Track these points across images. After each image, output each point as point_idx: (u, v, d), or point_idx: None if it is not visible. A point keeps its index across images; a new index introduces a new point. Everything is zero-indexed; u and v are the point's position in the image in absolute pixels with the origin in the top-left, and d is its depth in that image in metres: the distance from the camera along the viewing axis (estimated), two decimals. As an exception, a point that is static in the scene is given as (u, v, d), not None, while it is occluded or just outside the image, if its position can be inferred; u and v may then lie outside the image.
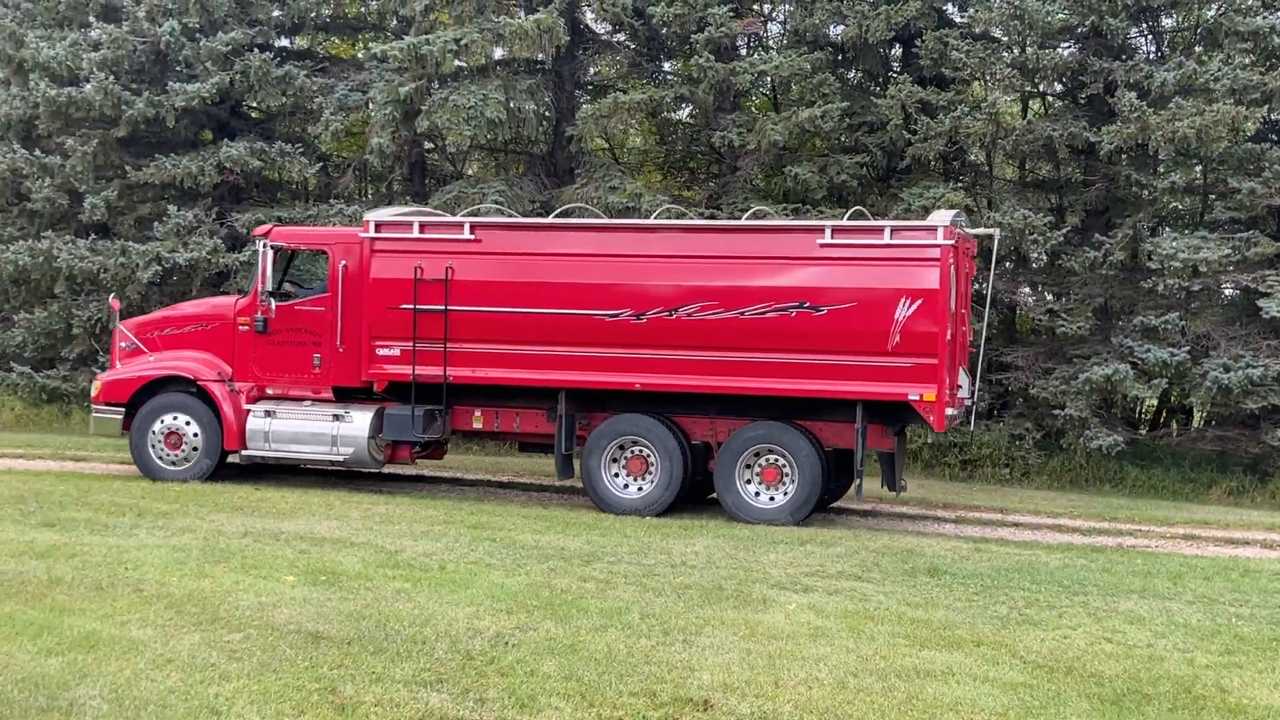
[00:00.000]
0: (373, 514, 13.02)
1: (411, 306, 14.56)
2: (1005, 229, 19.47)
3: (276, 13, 23.14)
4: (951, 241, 13.35)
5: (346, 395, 15.35)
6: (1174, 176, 19.33)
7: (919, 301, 13.26)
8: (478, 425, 15.20)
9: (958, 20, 21.71)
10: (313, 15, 23.12)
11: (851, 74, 22.94)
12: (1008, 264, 21.92)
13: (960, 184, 20.91)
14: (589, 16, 22.89)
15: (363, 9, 24.36)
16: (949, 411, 13.45)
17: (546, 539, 11.83)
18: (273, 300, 15.33)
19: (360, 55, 24.72)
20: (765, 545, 11.98)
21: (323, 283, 15.39)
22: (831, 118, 20.09)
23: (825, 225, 13.88)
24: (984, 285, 16.71)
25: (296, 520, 12.40)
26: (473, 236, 14.61)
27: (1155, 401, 22.55)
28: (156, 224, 21.98)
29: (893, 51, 22.73)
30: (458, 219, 15.27)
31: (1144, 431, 22.43)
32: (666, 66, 23.32)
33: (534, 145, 23.51)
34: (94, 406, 15.92)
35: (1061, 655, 8.18)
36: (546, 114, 22.41)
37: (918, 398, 13.31)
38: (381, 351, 14.79)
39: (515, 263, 14.51)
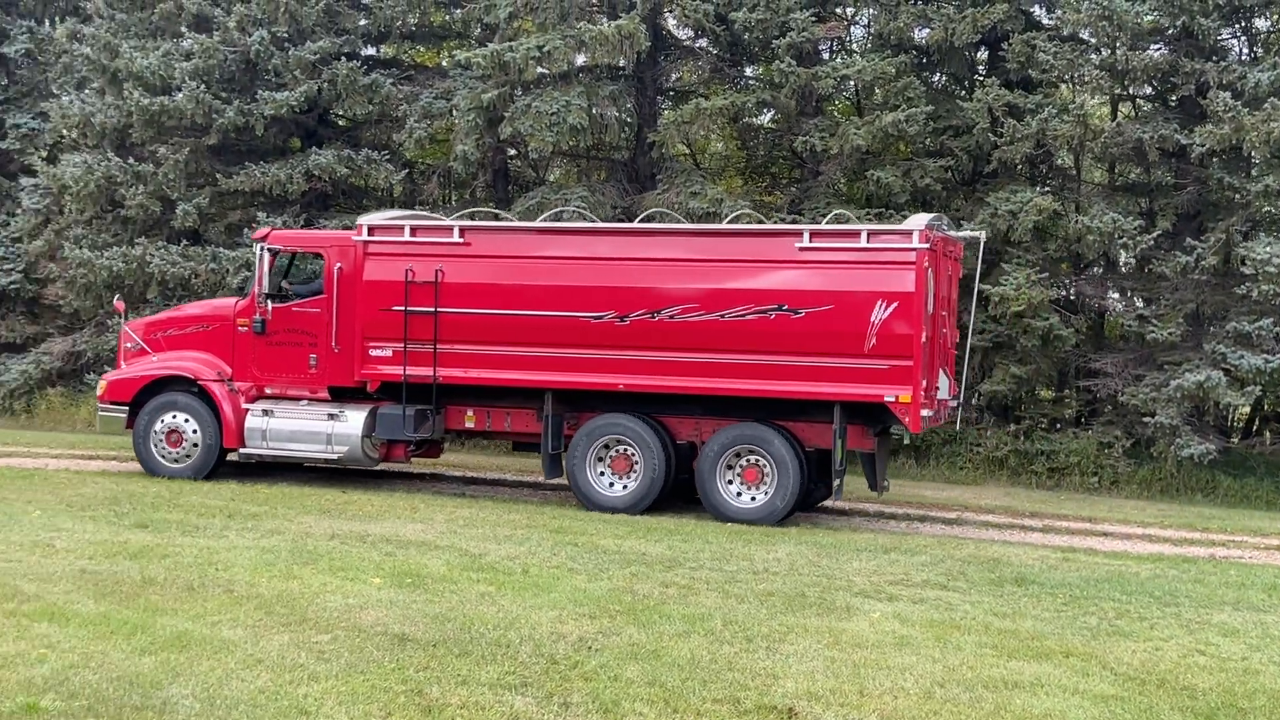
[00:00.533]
0: (457, 517, 13.13)
1: (403, 308, 14.88)
2: (1094, 233, 19.18)
3: (363, 22, 23.44)
4: (926, 245, 13.44)
5: (343, 395, 15.65)
6: (1268, 179, 18.87)
7: (895, 304, 13.42)
8: (470, 425, 15.52)
9: (1045, 22, 21.41)
10: (398, 24, 23.35)
11: (936, 77, 22.72)
12: (1096, 269, 21.60)
13: (1048, 187, 20.62)
14: (670, 22, 22.91)
15: (447, 17, 24.57)
16: (924, 413, 13.54)
17: (628, 544, 11.85)
18: (269, 302, 15.68)
19: (445, 63, 24.96)
20: (848, 553, 11.89)
21: (319, 285, 15.71)
22: (916, 121, 19.92)
23: (803, 229, 14.14)
24: (973, 287, 16.52)
25: (382, 523, 12.54)
26: (462, 240, 14.92)
27: (1248, 409, 22.05)
28: (246, 230, 22.37)
29: (978, 54, 22.49)
30: (447, 222, 15.57)
31: (1237, 440, 21.94)
32: (748, 72, 23.25)
33: (616, 151, 23.56)
34: (99, 405, 16.35)
35: (1153, 667, 8.03)
36: (628, 120, 22.45)
37: (893, 399, 13.45)
38: (374, 352, 15.13)
39: (503, 265, 14.81)
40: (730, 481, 14.30)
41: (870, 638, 8.41)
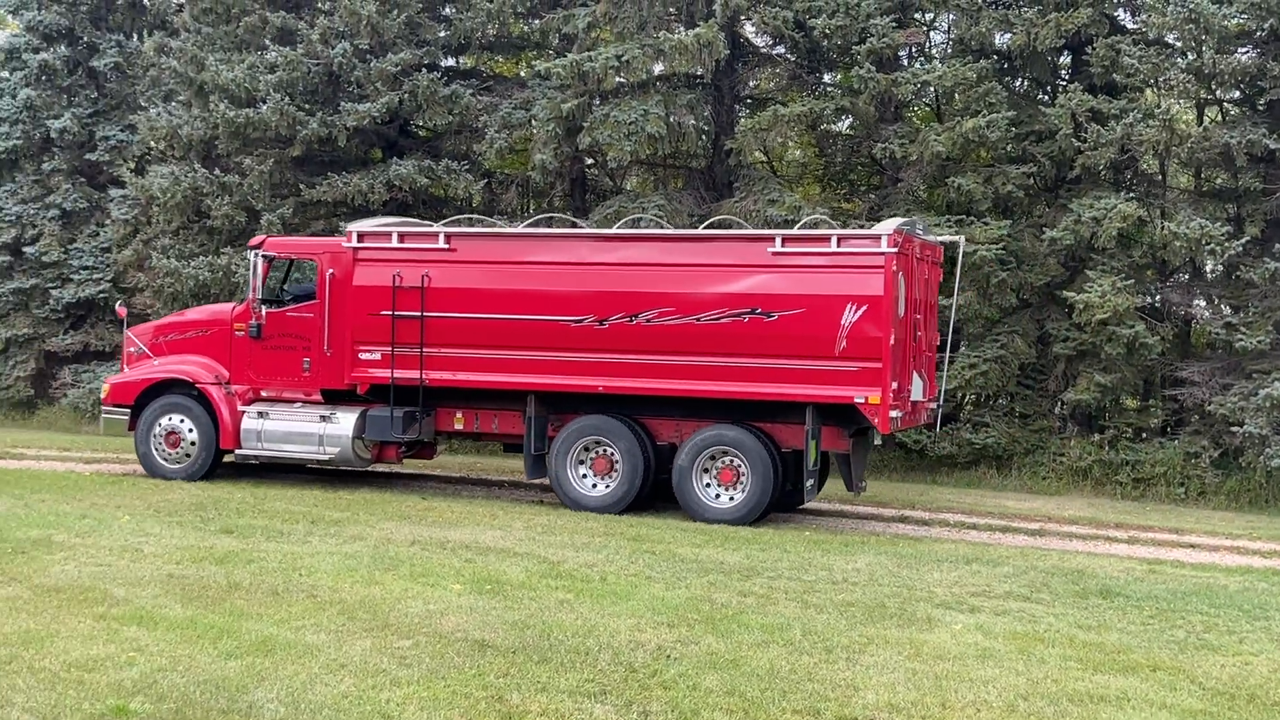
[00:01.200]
0: (535, 524, 13.21)
1: (391, 313, 15.29)
2: (1181, 239, 18.85)
3: (443, 33, 23.66)
4: (894, 250, 13.74)
5: (336, 397, 16.00)
6: (1362, 184, 18.46)
7: (864, 307, 13.74)
8: (459, 426, 15.95)
9: (1130, 26, 21.08)
10: (478, 35, 23.54)
11: (1018, 82, 22.46)
12: (1182, 276, 21.22)
13: (1132, 194, 20.29)
14: (749, 30, 22.87)
15: (526, 28, 24.74)
16: (893, 414, 13.81)
17: (706, 552, 11.84)
18: (263, 307, 16.15)
19: (524, 73, 25.12)
20: (929, 563, 11.78)
21: (312, 290, 16.16)
22: (997, 127, 19.71)
23: (775, 234, 14.47)
24: (952, 291, 16.66)
25: (462, 529, 12.65)
26: (447, 246, 15.34)
27: (1342, 419, 21.50)
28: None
29: (1061, 59, 22.19)
30: (434, 229, 15.92)
31: (1329, 450, 21.39)
32: (827, 78, 23.14)
33: (693, 159, 23.56)
34: (103, 407, 16.90)
35: (1243, 682, 7.87)
36: (706, 128, 22.45)
37: (863, 400, 13.78)
38: (364, 355, 15.53)
39: (487, 270, 15.22)
40: (708, 485, 14.62)
41: (952, 650, 8.32)
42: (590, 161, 24.34)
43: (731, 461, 14.53)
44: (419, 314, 15.20)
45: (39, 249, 26.47)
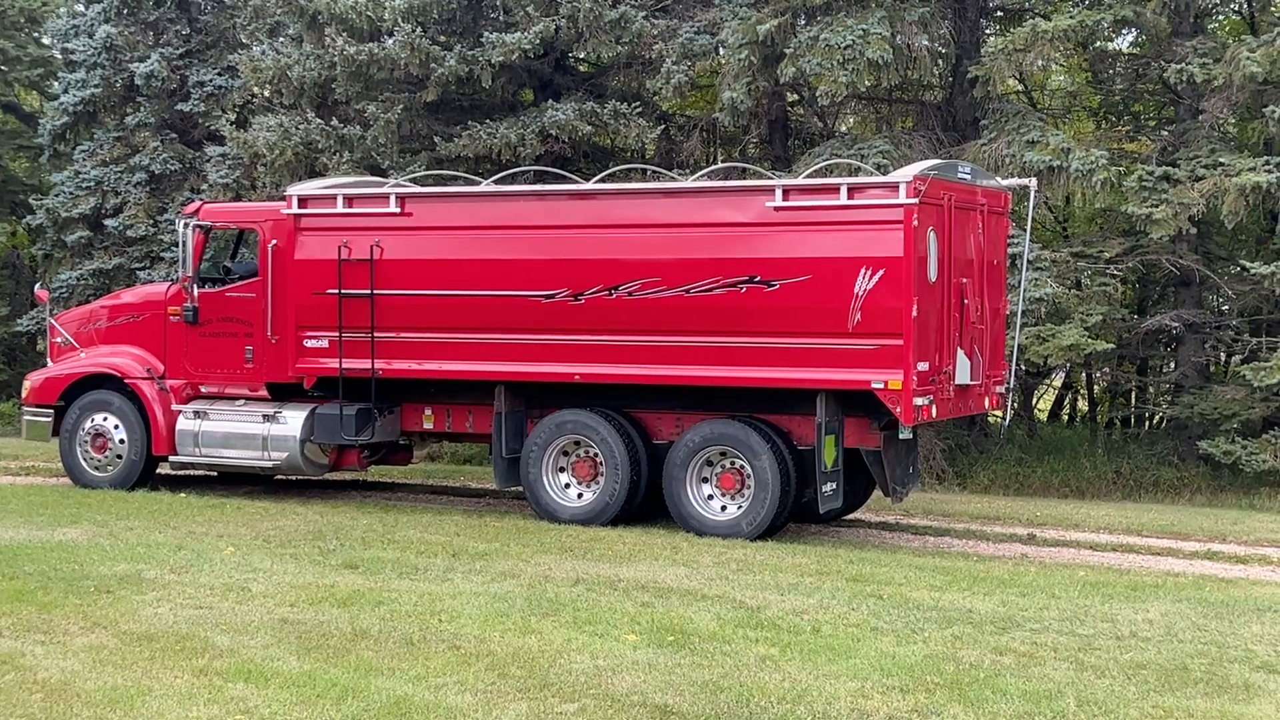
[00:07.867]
0: (728, 559, 13.25)
1: (337, 291, 15.88)
2: None
3: (609, -59, 23.80)
4: (915, 200, 13.95)
5: (287, 392, 16.58)
6: None
7: (881, 272, 14.06)
8: (428, 426, 16.80)
9: None
10: (651, -59, 23.65)
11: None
12: None
13: None
14: (999, -80, 22.58)
15: (712, -70, 24.75)
16: (918, 401, 14.09)
17: (948, 597, 11.72)
18: (195, 287, 16.83)
19: (709, -12, 25.12)
20: (1246, 613, 11.45)
21: (255, 265, 16.81)
22: (1332, 40, 19.03)
23: (775, 185, 14.99)
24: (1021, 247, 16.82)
25: (636, 565, 12.77)
26: (400, 210, 16.12)
27: None
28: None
29: None
30: (384, 190, 16.52)
31: None
32: (1102, -19, 22.67)
33: (927, 91, 23.31)
34: (25, 408, 17.83)
35: None
36: (943, 50, 22.18)
37: (881, 385, 14.09)
38: (310, 343, 16.24)
39: (445, 238, 16.08)
40: (709, 494, 15.17)
41: (1277, 727, 8.09)
42: (794, 98, 24.28)
43: (734, 463, 15.01)
44: (368, 292, 15.83)
45: (123, 221, 27.42)
